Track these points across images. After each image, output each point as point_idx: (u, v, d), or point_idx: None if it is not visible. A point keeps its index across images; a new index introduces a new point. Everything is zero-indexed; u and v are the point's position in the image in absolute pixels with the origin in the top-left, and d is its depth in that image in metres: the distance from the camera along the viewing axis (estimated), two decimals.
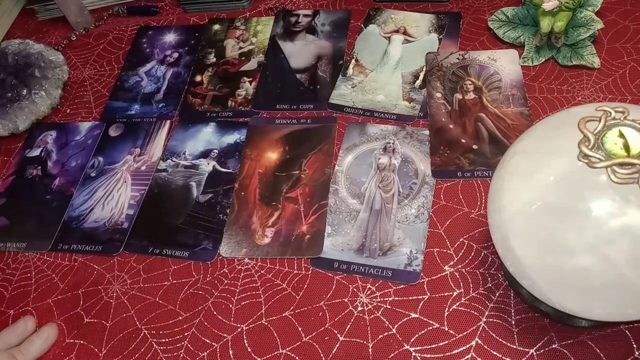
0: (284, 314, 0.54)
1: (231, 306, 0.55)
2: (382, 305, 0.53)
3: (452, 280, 0.54)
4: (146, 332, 0.55)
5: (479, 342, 0.50)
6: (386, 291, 0.54)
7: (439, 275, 0.54)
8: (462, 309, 0.52)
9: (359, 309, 0.53)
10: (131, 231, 0.62)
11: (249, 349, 0.53)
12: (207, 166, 0.67)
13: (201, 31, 0.82)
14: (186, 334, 0.54)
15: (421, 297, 0.53)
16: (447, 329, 0.51)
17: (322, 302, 0.54)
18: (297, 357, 0.51)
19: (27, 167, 0.71)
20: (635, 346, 0.48)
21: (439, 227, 0.57)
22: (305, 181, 0.63)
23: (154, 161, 0.68)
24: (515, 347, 0.49)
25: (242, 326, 0.54)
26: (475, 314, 0.51)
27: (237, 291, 0.56)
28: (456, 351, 0.49)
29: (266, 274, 0.57)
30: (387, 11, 0.79)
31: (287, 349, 0.52)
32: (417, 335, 0.51)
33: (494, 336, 0.50)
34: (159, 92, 0.76)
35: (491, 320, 0.51)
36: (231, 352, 0.53)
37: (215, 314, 0.55)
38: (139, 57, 0.81)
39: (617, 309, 0.39)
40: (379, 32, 0.77)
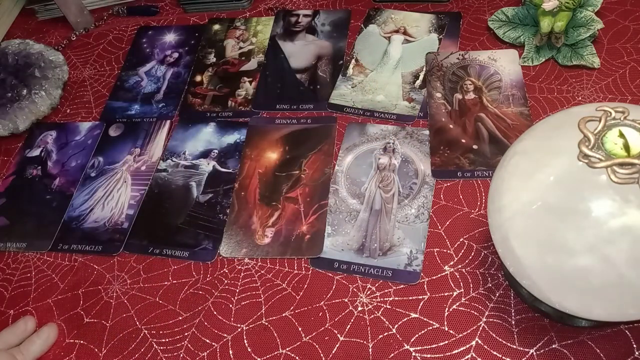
0: (284, 314, 0.54)
1: (231, 306, 0.55)
2: (382, 305, 0.53)
3: (452, 280, 0.54)
4: (146, 332, 0.55)
5: (479, 342, 0.50)
6: (386, 291, 0.54)
7: (439, 275, 0.54)
8: (462, 309, 0.52)
9: (359, 309, 0.53)
10: (131, 231, 0.62)
11: (249, 349, 0.53)
12: (207, 166, 0.67)
13: (201, 31, 0.82)
14: (186, 334, 0.54)
15: (421, 297, 0.53)
16: (447, 329, 0.51)
17: (322, 302, 0.54)
18: (297, 357, 0.51)
19: (27, 167, 0.71)
20: (635, 346, 0.48)
21: (439, 227, 0.57)
22: (305, 181, 0.63)
23: (154, 161, 0.68)
24: (515, 347, 0.49)
25: (242, 326, 0.54)
26: (475, 314, 0.51)
27: (237, 291, 0.56)
28: (456, 351, 0.49)
29: (266, 274, 0.57)
30: (387, 11, 0.79)
31: (287, 349, 0.52)
32: (417, 335, 0.51)
33: (494, 336, 0.50)
34: (159, 92, 0.76)
35: (491, 320, 0.51)
36: (231, 352, 0.53)
37: (215, 314, 0.55)
38: (139, 57, 0.81)
39: (617, 309, 0.39)
40: (379, 32, 0.77)
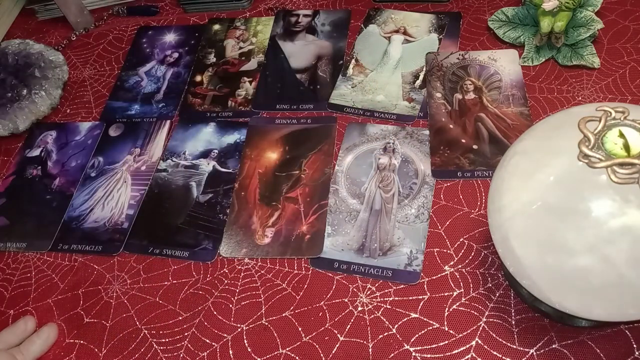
0: (284, 314, 0.54)
1: (231, 306, 0.55)
2: (382, 305, 0.53)
3: (452, 280, 0.54)
4: (146, 332, 0.55)
5: (479, 342, 0.50)
6: (386, 291, 0.54)
7: (439, 275, 0.54)
8: (462, 309, 0.52)
9: (359, 309, 0.53)
10: (131, 231, 0.62)
11: (249, 349, 0.53)
12: (207, 166, 0.67)
13: (201, 31, 0.82)
14: (186, 334, 0.54)
15: (421, 297, 0.53)
16: (447, 329, 0.51)
17: (322, 302, 0.54)
18: (297, 357, 0.51)
19: (27, 167, 0.71)
20: (635, 346, 0.48)
21: (439, 227, 0.57)
22: (305, 181, 0.63)
23: (154, 161, 0.68)
24: (515, 347, 0.49)
25: (242, 326, 0.54)
26: (475, 314, 0.51)
27: (237, 291, 0.56)
28: (456, 351, 0.49)
29: (266, 274, 0.57)
30: (387, 11, 0.79)
31: (287, 349, 0.52)
32: (417, 335, 0.51)
33: (494, 336, 0.50)
34: (159, 92, 0.76)
35: (491, 320, 0.51)
36: (231, 352, 0.53)
37: (215, 314, 0.55)
38: (139, 57, 0.81)
39: (617, 309, 0.39)
40: (379, 32, 0.77)
